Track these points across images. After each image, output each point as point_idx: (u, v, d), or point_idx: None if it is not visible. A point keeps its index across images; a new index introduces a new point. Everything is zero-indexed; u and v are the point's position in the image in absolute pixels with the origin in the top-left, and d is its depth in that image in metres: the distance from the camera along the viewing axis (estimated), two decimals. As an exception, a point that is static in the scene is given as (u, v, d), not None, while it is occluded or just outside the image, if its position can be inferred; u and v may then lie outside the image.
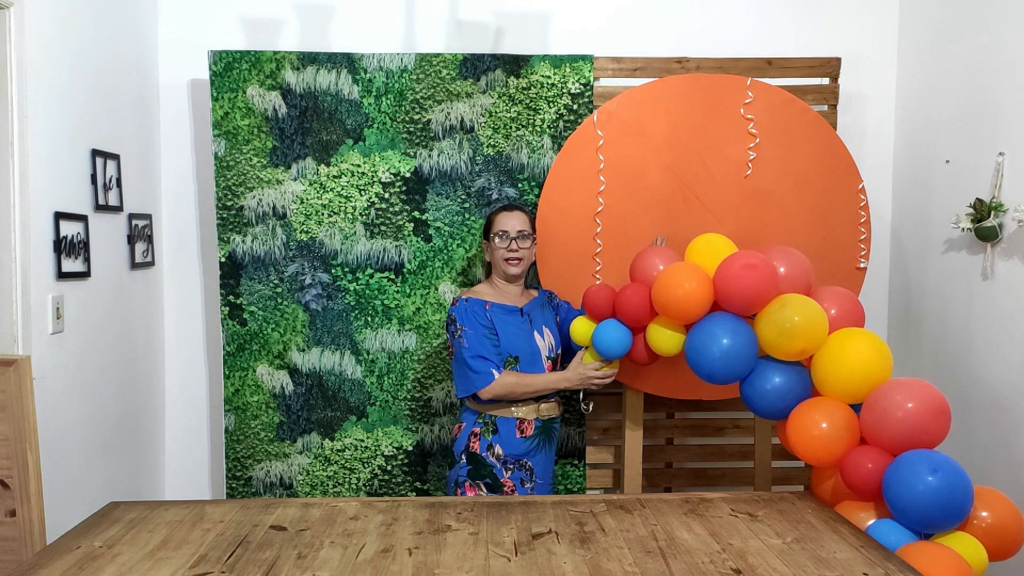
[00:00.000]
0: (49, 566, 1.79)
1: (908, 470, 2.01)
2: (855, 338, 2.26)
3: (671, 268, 2.43)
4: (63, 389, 2.53)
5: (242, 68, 2.99)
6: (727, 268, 2.36)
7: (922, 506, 1.97)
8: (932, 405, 2.09)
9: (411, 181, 3.05)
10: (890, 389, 2.15)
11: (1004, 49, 2.72)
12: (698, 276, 2.39)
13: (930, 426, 2.08)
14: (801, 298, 2.31)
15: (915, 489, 1.97)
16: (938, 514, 1.98)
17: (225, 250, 3.04)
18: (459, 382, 2.58)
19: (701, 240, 2.57)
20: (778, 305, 2.31)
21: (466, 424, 2.62)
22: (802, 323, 2.25)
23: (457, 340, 2.55)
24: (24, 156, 2.32)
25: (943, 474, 1.96)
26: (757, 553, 1.88)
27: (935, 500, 1.96)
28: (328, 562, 1.82)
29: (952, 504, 1.97)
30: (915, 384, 2.15)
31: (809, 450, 2.25)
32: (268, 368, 3.07)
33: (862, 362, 2.21)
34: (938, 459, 2.01)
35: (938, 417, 2.09)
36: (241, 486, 3.09)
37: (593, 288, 2.59)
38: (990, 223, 2.68)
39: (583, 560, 1.83)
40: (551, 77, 3.02)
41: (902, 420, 2.08)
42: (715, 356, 2.33)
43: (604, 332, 2.53)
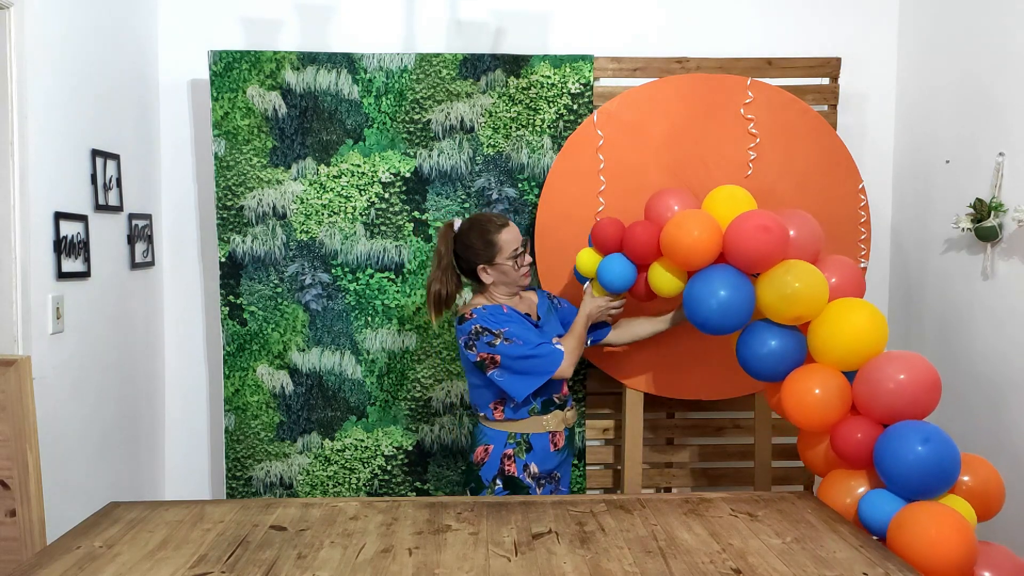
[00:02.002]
0: (49, 566, 1.79)
1: (899, 441, 2.07)
2: (853, 308, 2.27)
3: (683, 214, 2.41)
4: (63, 389, 2.53)
5: (242, 68, 2.99)
6: (740, 226, 2.34)
7: (913, 474, 2.04)
8: (924, 378, 2.14)
9: (411, 181, 3.05)
10: (884, 361, 2.19)
11: (1004, 49, 2.72)
12: (708, 227, 2.36)
13: (921, 398, 2.14)
14: (805, 266, 2.31)
15: (906, 459, 2.04)
16: (928, 481, 2.04)
17: (225, 250, 3.04)
18: (520, 383, 2.38)
19: (722, 191, 2.51)
20: (782, 270, 2.30)
21: (494, 446, 2.47)
22: (803, 290, 2.25)
23: (501, 345, 2.35)
24: (24, 156, 2.32)
25: (933, 444, 2.03)
26: (757, 553, 1.88)
27: (925, 468, 2.03)
28: (328, 562, 1.82)
29: (941, 472, 2.04)
30: (908, 357, 2.19)
31: (802, 415, 2.29)
32: (268, 368, 3.07)
33: (858, 332, 2.23)
34: (928, 430, 2.06)
35: (930, 390, 2.14)
36: (241, 486, 3.09)
37: (603, 221, 2.56)
38: (990, 223, 2.68)
39: (583, 560, 1.83)
40: (551, 77, 3.02)
41: (894, 392, 2.13)
42: (711, 307, 2.33)
43: (609, 265, 2.52)
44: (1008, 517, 2.58)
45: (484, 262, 2.44)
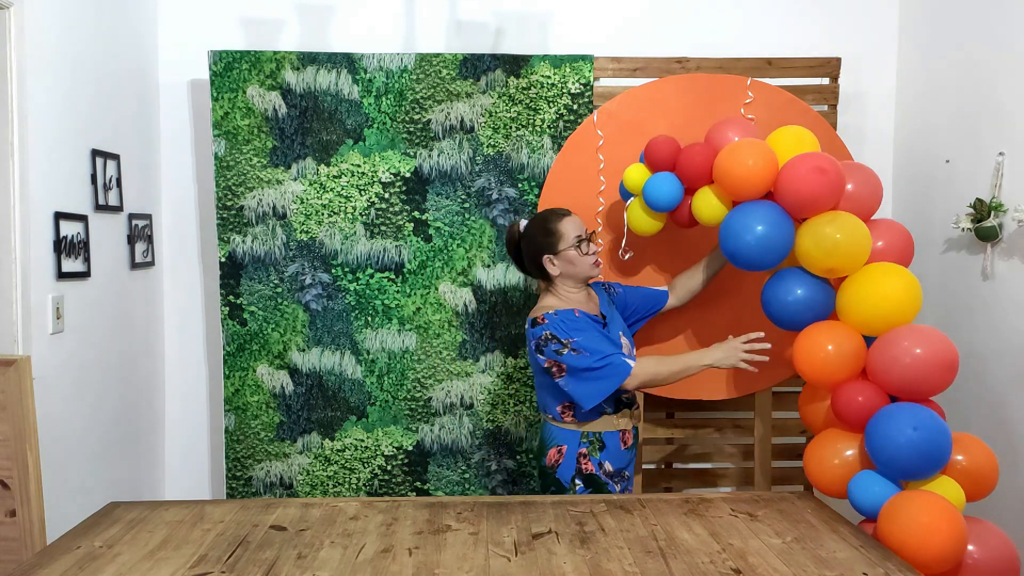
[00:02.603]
0: (49, 566, 1.79)
1: (891, 424, 2.07)
2: (890, 273, 2.23)
3: (743, 142, 2.36)
4: (63, 389, 2.53)
5: (242, 68, 2.99)
6: (797, 164, 2.28)
7: (903, 458, 2.06)
8: (942, 357, 2.12)
9: (411, 181, 3.05)
10: (905, 333, 2.16)
11: (1004, 49, 2.72)
12: (765, 158, 2.30)
13: (935, 377, 2.12)
14: (852, 219, 2.26)
15: (897, 441, 2.06)
16: (918, 465, 2.06)
17: (225, 250, 3.04)
18: (588, 392, 2.32)
19: (790, 129, 2.46)
20: (827, 218, 2.26)
21: (568, 447, 2.43)
22: (843, 243, 2.21)
23: (568, 355, 2.30)
24: (24, 156, 2.32)
25: (925, 429, 2.04)
26: (757, 553, 1.88)
27: (916, 453, 2.04)
28: (328, 562, 1.82)
29: (931, 456, 2.06)
30: (930, 333, 2.16)
31: (811, 369, 2.28)
32: (268, 368, 3.07)
33: (889, 299, 2.20)
34: (921, 415, 2.06)
35: (945, 369, 2.12)
36: (241, 486, 3.09)
37: (659, 138, 2.53)
38: (990, 223, 2.68)
39: (583, 560, 1.83)
40: (551, 77, 3.02)
41: (908, 367, 2.12)
42: (747, 241, 2.29)
43: (658, 183, 2.49)
44: (1006, 507, 2.58)
45: (548, 252, 2.42)
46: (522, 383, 3.10)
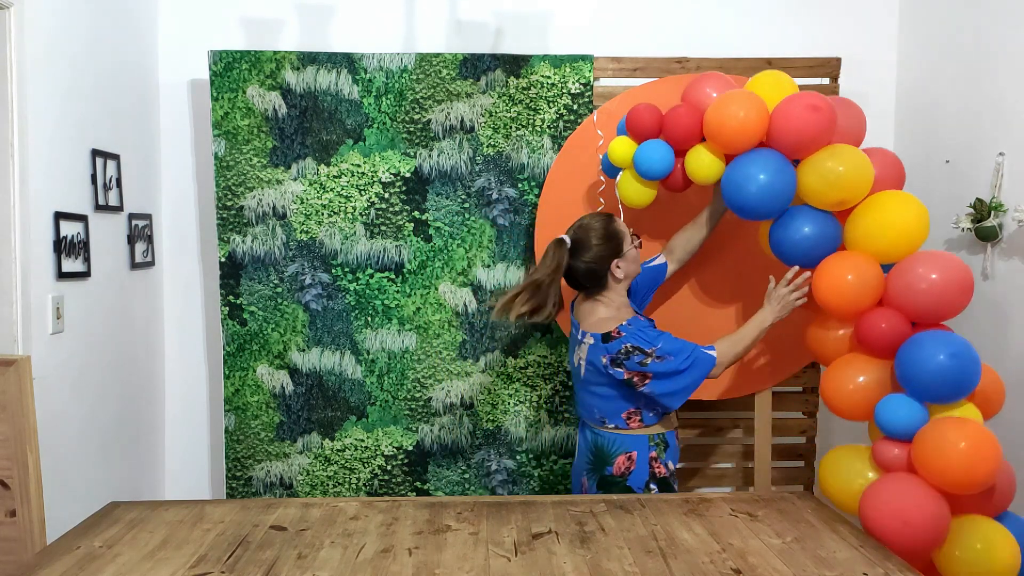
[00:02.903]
0: (49, 566, 1.79)
1: (923, 351, 2.15)
2: (899, 200, 2.29)
3: (731, 94, 2.36)
4: (63, 389, 2.53)
5: (242, 68, 2.99)
6: (790, 106, 2.29)
7: (935, 382, 2.13)
8: (958, 281, 2.19)
9: (411, 181, 3.05)
10: (921, 259, 2.24)
11: (1004, 49, 2.72)
12: (756, 107, 2.31)
13: (953, 301, 2.20)
14: (851, 149, 2.30)
15: (928, 367, 2.13)
16: (951, 391, 2.15)
17: (225, 250, 3.04)
18: (677, 392, 2.32)
19: (766, 75, 2.46)
20: (828, 153, 2.28)
21: (638, 452, 2.40)
22: (847, 175, 2.25)
23: (653, 364, 2.28)
24: (24, 156, 2.32)
25: (959, 358, 2.12)
26: (757, 553, 1.88)
27: (950, 378, 2.12)
28: (328, 562, 1.82)
29: (963, 383, 2.14)
30: (945, 257, 2.24)
31: (834, 299, 2.31)
32: (268, 368, 3.07)
33: (901, 224, 2.26)
34: (956, 342, 2.14)
35: (961, 293, 2.20)
36: (241, 486, 3.09)
37: (639, 106, 2.50)
38: (990, 223, 2.68)
39: (583, 560, 1.83)
40: (551, 77, 3.02)
41: (926, 291, 2.18)
42: (751, 191, 2.31)
43: (648, 151, 2.46)
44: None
45: (616, 256, 2.39)
46: (522, 383, 3.10)
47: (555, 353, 3.10)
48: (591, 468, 2.47)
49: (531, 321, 2.43)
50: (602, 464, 2.44)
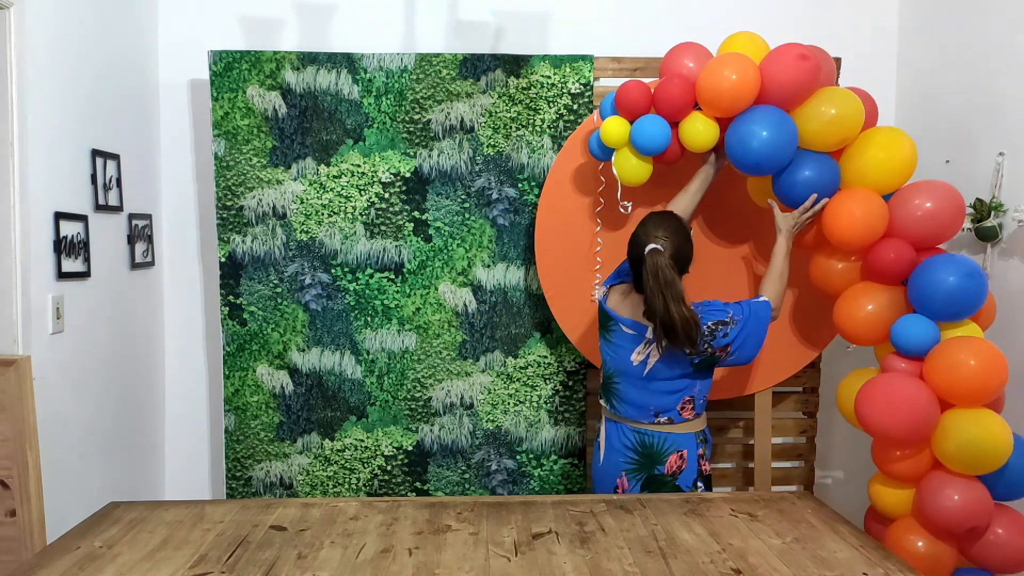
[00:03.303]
0: (49, 566, 1.79)
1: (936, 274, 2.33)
2: (889, 134, 2.45)
3: (721, 57, 2.45)
4: (63, 389, 2.53)
5: (242, 68, 2.99)
6: (779, 58, 2.40)
7: (948, 302, 2.32)
8: (952, 205, 2.38)
9: (411, 181, 3.05)
10: (917, 189, 2.42)
11: (1004, 49, 2.72)
12: (748, 67, 2.40)
13: (948, 224, 2.40)
14: (840, 90, 2.44)
15: (943, 288, 2.31)
16: (962, 308, 2.33)
17: (225, 250, 3.04)
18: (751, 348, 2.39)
19: (738, 37, 2.56)
20: (822, 98, 2.41)
21: (688, 451, 2.42)
22: (845, 114, 2.39)
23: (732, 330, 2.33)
24: (24, 156, 2.32)
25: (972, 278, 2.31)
26: (757, 553, 1.87)
27: (960, 297, 2.31)
28: (328, 562, 1.82)
29: (973, 301, 2.32)
30: (937, 186, 2.42)
31: (847, 235, 2.43)
32: (268, 368, 3.07)
33: (894, 156, 2.41)
34: (967, 265, 2.33)
35: (956, 215, 2.40)
36: (241, 486, 3.09)
37: (629, 83, 2.55)
38: (990, 223, 2.68)
39: (583, 560, 1.83)
40: (551, 77, 3.02)
41: (923, 218, 2.38)
42: (754, 147, 2.39)
43: (644, 127, 2.51)
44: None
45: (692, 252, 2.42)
46: (522, 383, 3.10)
47: (555, 353, 3.10)
48: (635, 467, 2.42)
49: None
50: (651, 463, 2.41)
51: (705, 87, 2.43)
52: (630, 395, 2.42)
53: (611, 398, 2.47)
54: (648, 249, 2.27)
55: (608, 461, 2.48)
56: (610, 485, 2.48)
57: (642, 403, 2.41)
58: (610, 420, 2.51)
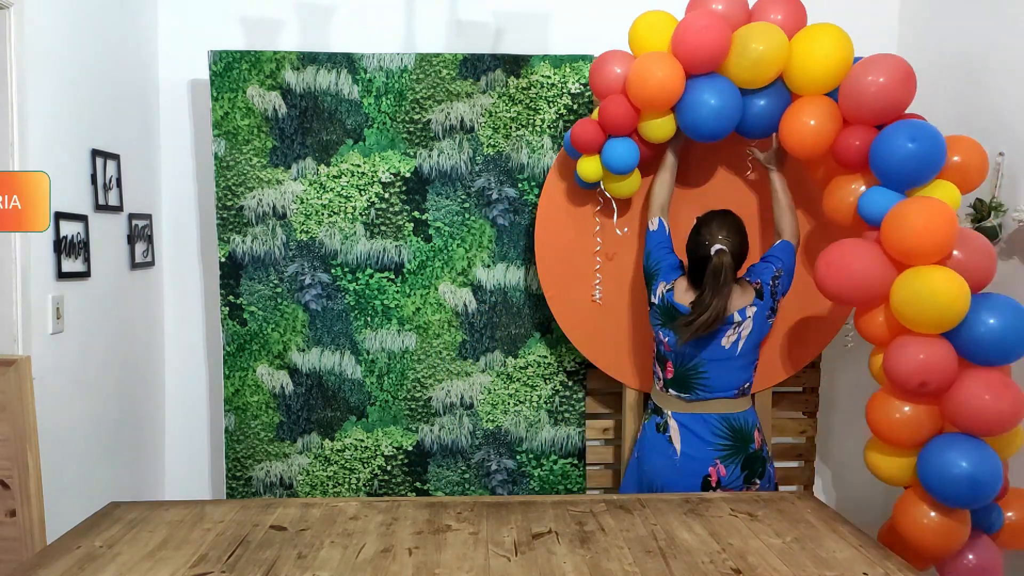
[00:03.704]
0: (49, 566, 1.79)
1: (890, 141, 2.31)
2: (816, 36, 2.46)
3: (638, 65, 2.49)
4: (63, 389, 2.53)
5: (242, 68, 2.99)
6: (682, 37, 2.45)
7: (904, 169, 2.30)
8: (900, 75, 2.36)
9: (411, 181, 3.05)
10: (860, 70, 2.40)
11: (1005, 49, 2.72)
12: (665, 62, 2.46)
13: (901, 95, 2.37)
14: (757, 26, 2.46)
15: (898, 155, 2.29)
16: (918, 173, 2.31)
17: (225, 250, 3.04)
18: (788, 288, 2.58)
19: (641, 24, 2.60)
20: (741, 43, 2.44)
21: (759, 427, 2.57)
22: (767, 50, 2.42)
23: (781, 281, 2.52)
24: (24, 156, 2.32)
25: (920, 140, 2.28)
26: (757, 553, 1.88)
27: (915, 161, 2.29)
28: (328, 562, 1.82)
29: (929, 163, 2.30)
30: (881, 59, 2.39)
31: (802, 143, 2.48)
32: (268, 368, 3.07)
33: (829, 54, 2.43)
34: (916, 127, 2.30)
35: (906, 83, 2.37)
36: (241, 486, 3.09)
37: (576, 125, 2.65)
38: (990, 223, 2.68)
39: (583, 560, 1.83)
40: (551, 77, 3.02)
41: (876, 95, 2.35)
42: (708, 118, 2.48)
43: (613, 153, 2.61)
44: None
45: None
46: (522, 383, 3.10)
47: (555, 353, 3.10)
48: (730, 452, 2.48)
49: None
50: (744, 443, 2.49)
51: (635, 97, 2.52)
52: (718, 377, 2.49)
53: (692, 387, 2.50)
54: (715, 250, 2.38)
55: (691, 454, 2.49)
56: (694, 478, 2.48)
57: (729, 382, 2.50)
58: (683, 414, 2.52)
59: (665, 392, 2.56)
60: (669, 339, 2.50)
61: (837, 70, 2.44)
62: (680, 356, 2.50)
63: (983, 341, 2.22)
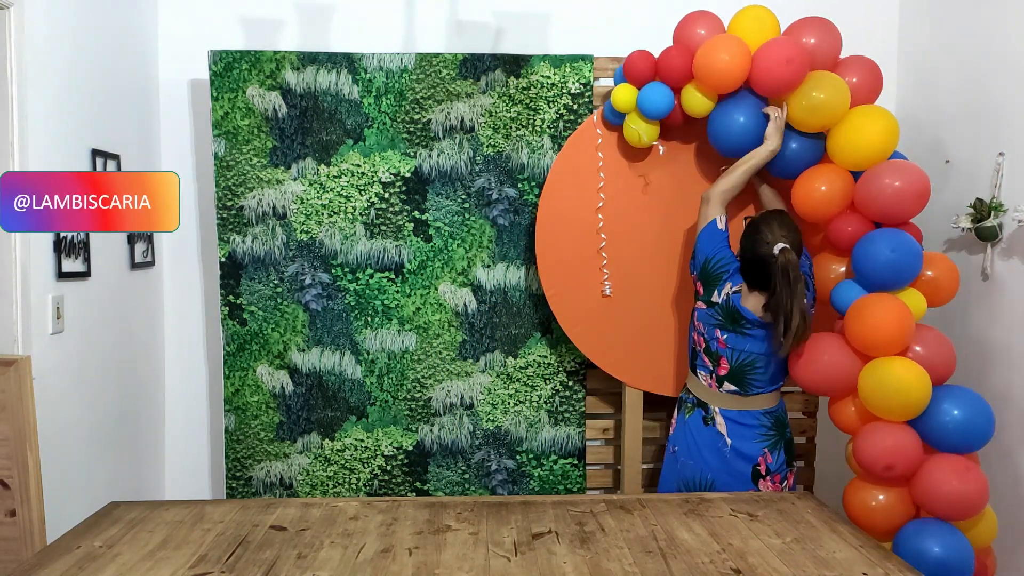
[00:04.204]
0: (49, 566, 1.79)
1: (872, 247, 2.43)
2: (871, 115, 2.50)
3: (716, 40, 2.56)
4: (63, 389, 2.53)
5: (242, 68, 2.99)
6: (766, 59, 2.52)
7: (880, 273, 2.42)
8: (916, 187, 2.44)
9: (411, 181, 3.05)
10: (884, 169, 2.47)
11: (1004, 49, 2.72)
12: (739, 54, 2.52)
13: (911, 205, 2.46)
14: (828, 77, 2.51)
15: (877, 260, 2.41)
16: (893, 279, 2.42)
17: (225, 250, 3.04)
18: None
19: (747, 14, 2.64)
20: (808, 86, 2.50)
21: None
22: (827, 101, 2.48)
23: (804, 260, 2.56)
24: (24, 156, 2.32)
25: (903, 249, 2.40)
26: (757, 553, 1.88)
27: (892, 269, 2.41)
28: (328, 562, 1.82)
29: (903, 272, 2.42)
30: (905, 167, 2.47)
31: (808, 207, 2.58)
32: (268, 368, 3.07)
33: (872, 138, 2.47)
34: (898, 239, 2.41)
35: (919, 197, 2.46)
36: (241, 486, 3.09)
37: (634, 54, 2.72)
38: (990, 223, 2.68)
39: (583, 560, 1.83)
40: (551, 77, 3.02)
41: (890, 196, 2.44)
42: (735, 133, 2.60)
43: (651, 93, 2.68)
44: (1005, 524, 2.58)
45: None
46: (522, 383, 3.10)
47: (555, 353, 3.10)
48: (773, 442, 2.58)
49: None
50: (783, 429, 2.61)
51: (699, 65, 2.58)
52: (770, 371, 2.57)
53: (746, 383, 2.56)
54: (780, 248, 2.42)
55: (741, 448, 2.57)
56: (745, 468, 2.56)
57: (775, 377, 2.59)
58: (732, 410, 2.59)
59: (716, 388, 2.60)
60: (727, 337, 2.54)
61: (874, 157, 2.50)
62: (737, 353, 2.54)
63: (947, 430, 2.35)
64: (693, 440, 2.62)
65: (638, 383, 2.95)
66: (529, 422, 3.11)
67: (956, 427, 2.34)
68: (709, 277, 2.55)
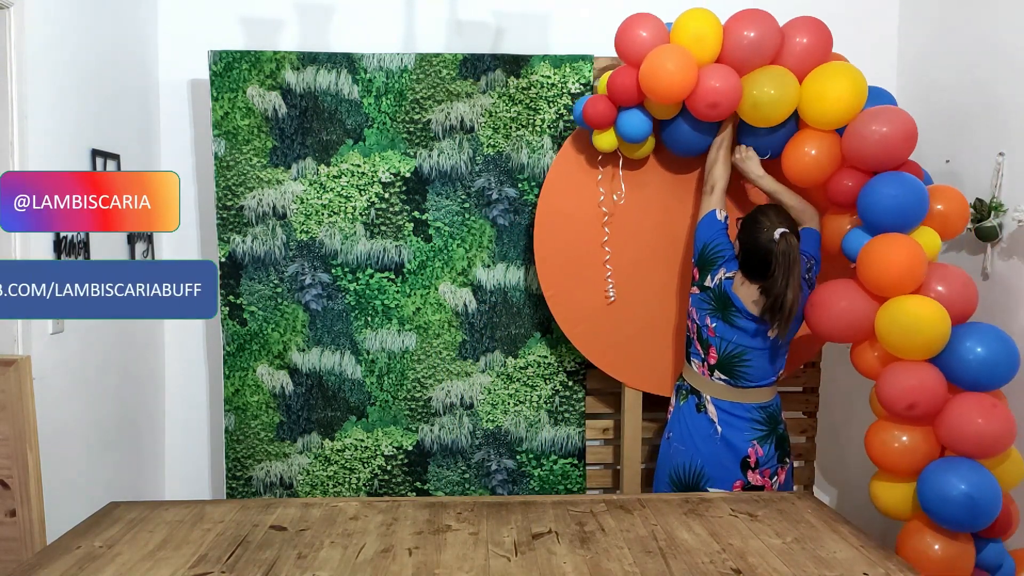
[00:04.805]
0: (49, 566, 1.79)
1: (876, 190, 2.41)
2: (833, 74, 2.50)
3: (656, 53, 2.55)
4: (63, 389, 2.53)
5: (242, 68, 2.99)
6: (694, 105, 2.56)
7: (889, 214, 2.39)
8: (903, 129, 2.42)
9: (411, 181, 3.05)
10: (868, 118, 2.45)
11: (1004, 49, 2.72)
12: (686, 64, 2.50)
13: (901, 148, 2.44)
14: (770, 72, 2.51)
15: (883, 204, 2.38)
16: (901, 220, 2.39)
17: (225, 250, 3.04)
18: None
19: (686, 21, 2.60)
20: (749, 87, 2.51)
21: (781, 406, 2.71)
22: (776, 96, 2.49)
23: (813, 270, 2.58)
24: (24, 156, 2.32)
25: (905, 189, 2.38)
26: (757, 553, 1.88)
27: (899, 209, 2.38)
28: (328, 562, 1.82)
29: (912, 211, 2.39)
30: (888, 112, 2.45)
31: (801, 174, 2.59)
32: (268, 368, 3.07)
33: (842, 95, 2.46)
34: (902, 179, 2.39)
35: (907, 140, 2.43)
36: (241, 486, 3.09)
37: (587, 102, 2.70)
38: (990, 223, 2.68)
39: (583, 560, 1.83)
40: (551, 77, 3.02)
41: (878, 143, 2.41)
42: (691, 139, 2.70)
43: (628, 123, 2.68)
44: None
45: None
46: (522, 383, 3.10)
47: (555, 353, 3.10)
48: (764, 435, 2.57)
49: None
50: (775, 425, 2.61)
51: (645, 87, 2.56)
52: (760, 366, 2.56)
53: (735, 374, 2.56)
54: (780, 232, 2.43)
55: (730, 437, 2.57)
56: (733, 458, 2.56)
57: (768, 370, 2.58)
58: (723, 401, 2.59)
59: (708, 376, 2.61)
60: (716, 326, 2.55)
61: (847, 112, 2.49)
62: (725, 343, 2.55)
63: (970, 367, 2.31)
64: (686, 427, 2.64)
65: (637, 384, 2.95)
66: (529, 422, 3.11)
67: (980, 364, 2.29)
68: (705, 262, 2.59)
